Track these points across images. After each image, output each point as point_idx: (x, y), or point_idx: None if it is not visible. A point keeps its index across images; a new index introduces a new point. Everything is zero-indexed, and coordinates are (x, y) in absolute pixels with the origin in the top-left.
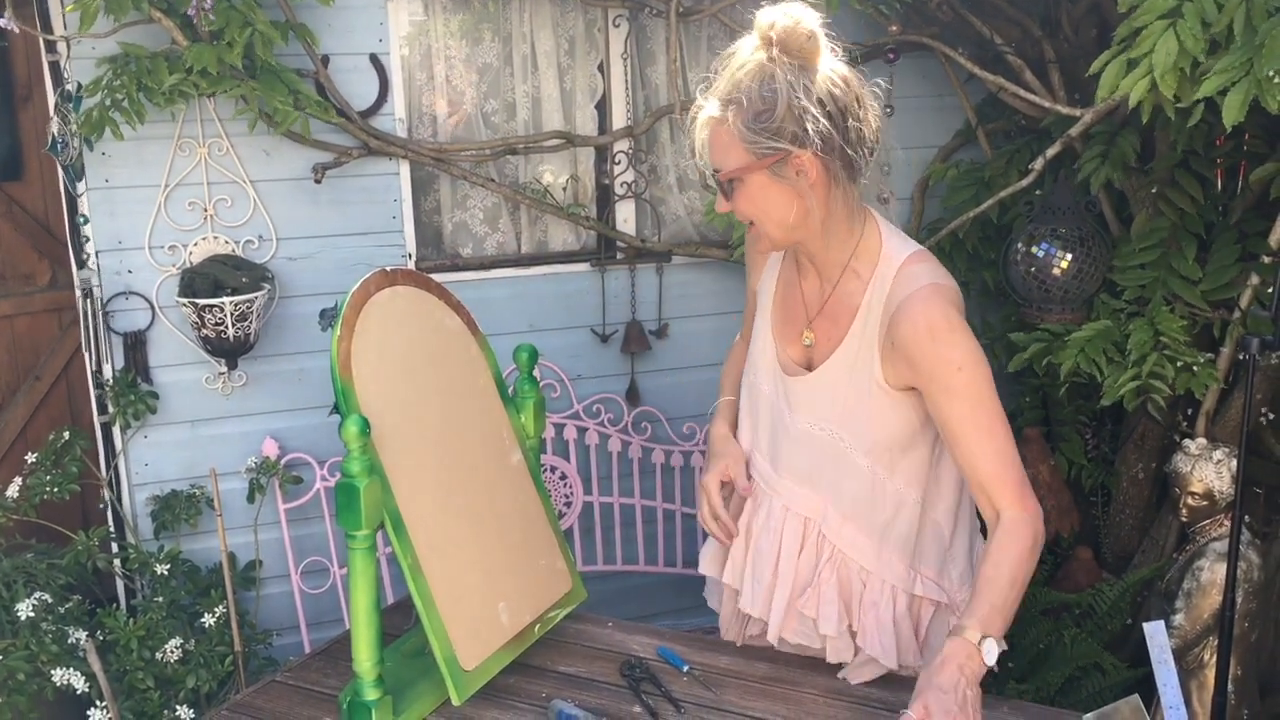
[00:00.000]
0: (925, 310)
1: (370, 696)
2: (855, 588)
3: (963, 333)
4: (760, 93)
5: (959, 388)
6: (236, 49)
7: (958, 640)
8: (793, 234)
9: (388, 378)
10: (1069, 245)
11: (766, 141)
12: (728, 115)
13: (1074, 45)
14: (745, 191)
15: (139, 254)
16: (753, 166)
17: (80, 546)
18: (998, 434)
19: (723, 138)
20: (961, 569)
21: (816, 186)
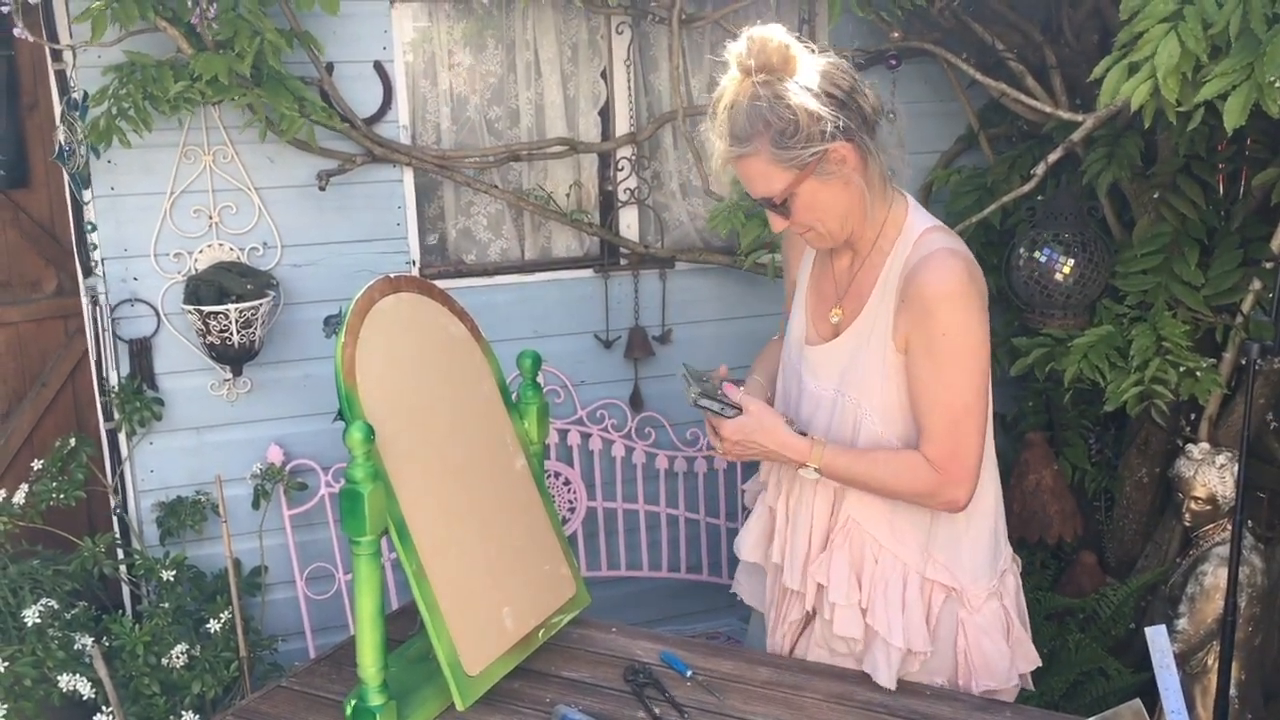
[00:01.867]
0: (939, 269)
1: (375, 702)
2: (868, 562)
3: (965, 302)
4: (776, 113)
5: (936, 353)
6: (247, 59)
7: (808, 445)
8: (848, 223)
9: (392, 384)
10: (1071, 250)
11: (803, 152)
12: (753, 148)
13: (1075, 50)
14: (801, 203)
15: (145, 261)
16: (800, 178)
17: (86, 553)
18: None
19: (757, 167)
20: (976, 560)
21: (856, 169)
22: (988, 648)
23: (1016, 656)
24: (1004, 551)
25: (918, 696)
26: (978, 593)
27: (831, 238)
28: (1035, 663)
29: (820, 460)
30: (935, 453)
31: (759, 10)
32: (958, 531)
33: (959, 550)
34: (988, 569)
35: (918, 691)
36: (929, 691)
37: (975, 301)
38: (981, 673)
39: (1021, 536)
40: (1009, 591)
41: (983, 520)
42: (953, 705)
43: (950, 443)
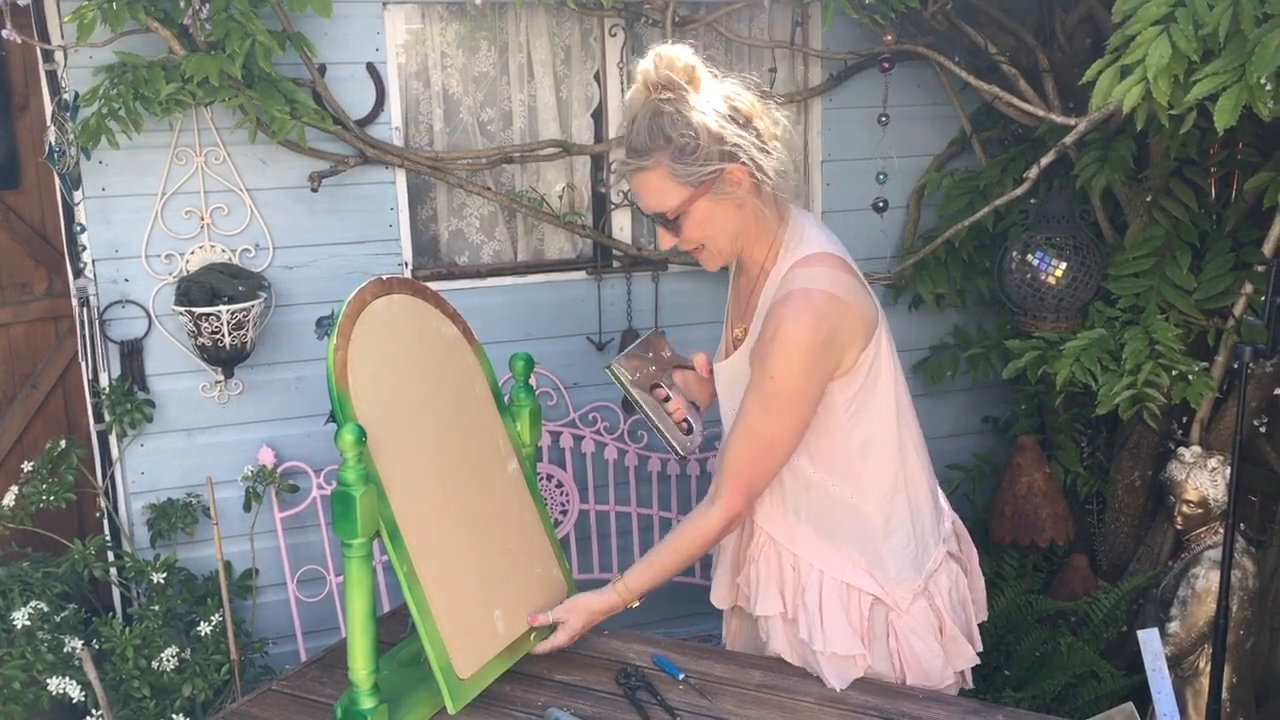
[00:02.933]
0: (782, 316)
1: (366, 705)
2: (786, 572)
3: (797, 349)
4: (677, 130)
5: (764, 388)
6: (238, 60)
7: (617, 594)
8: (737, 243)
9: (384, 386)
10: (1064, 253)
11: (700, 170)
12: (651, 162)
13: (1068, 54)
14: (693, 220)
15: (136, 262)
16: (695, 196)
17: (76, 555)
18: (761, 438)
19: (654, 182)
20: (899, 564)
21: (750, 191)
22: (919, 648)
23: (951, 655)
24: (933, 553)
25: (910, 700)
26: (903, 594)
27: (721, 256)
28: (971, 660)
29: (629, 593)
30: (726, 487)
31: (751, 13)
32: (875, 539)
33: (880, 556)
34: (912, 571)
35: (910, 695)
36: (921, 694)
37: (807, 351)
38: (915, 673)
39: (1013, 539)
40: (940, 591)
41: (900, 529)
42: (947, 708)
43: (745, 466)
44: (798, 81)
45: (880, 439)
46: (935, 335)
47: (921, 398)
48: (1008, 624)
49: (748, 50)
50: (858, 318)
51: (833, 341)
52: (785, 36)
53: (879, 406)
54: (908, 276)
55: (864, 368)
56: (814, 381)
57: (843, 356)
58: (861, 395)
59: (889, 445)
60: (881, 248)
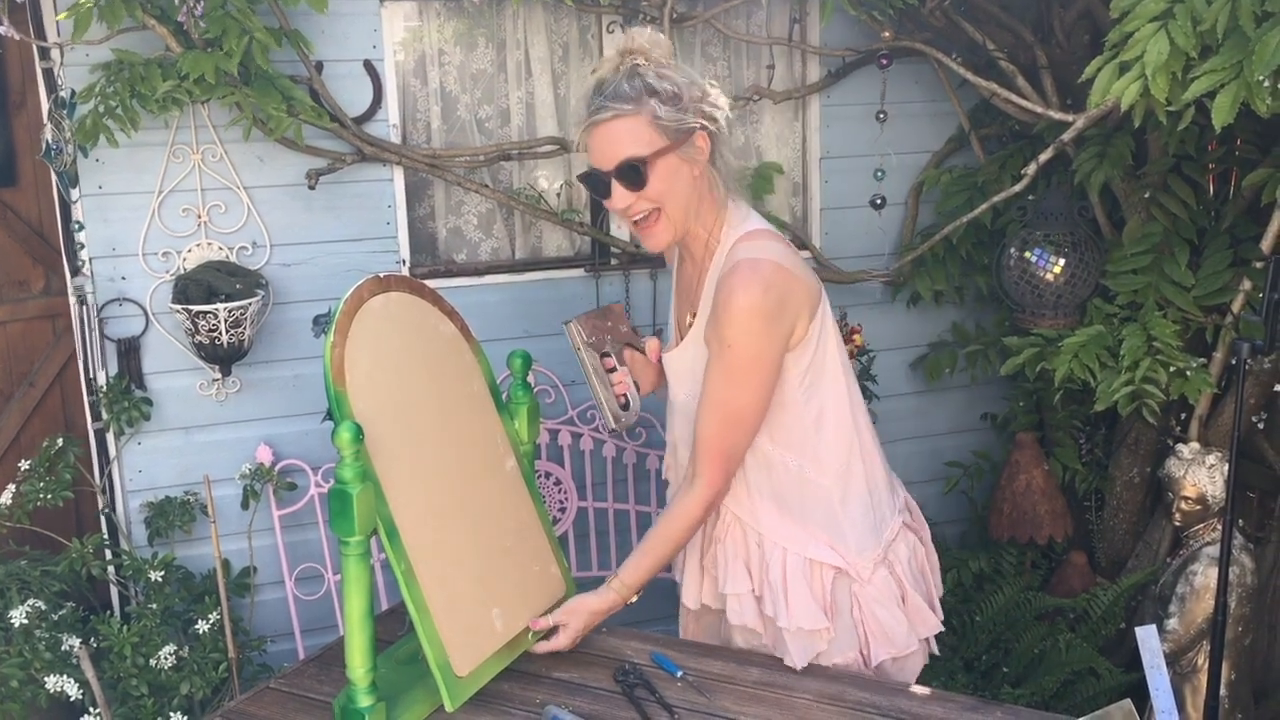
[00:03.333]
0: (735, 282)
1: (364, 703)
2: (752, 549)
3: (758, 317)
4: (661, 83)
5: (723, 359)
6: (235, 57)
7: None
8: (687, 216)
9: (381, 384)
10: (1062, 250)
11: (684, 118)
12: (633, 108)
13: (1066, 51)
14: (658, 174)
15: (133, 260)
16: (670, 147)
17: (74, 553)
18: (729, 410)
19: (633, 128)
20: (859, 534)
21: (704, 165)
22: (882, 616)
23: (915, 623)
24: (890, 523)
25: (909, 696)
26: (864, 564)
27: (671, 226)
28: (935, 628)
29: (626, 589)
30: (702, 466)
31: (749, 10)
32: (834, 511)
33: (840, 528)
34: (871, 540)
35: (909, 691)
36: (919, 692)
37: (760, 316)
38: (880, 640)
39: (1012, 536)
40: (899, 560)
41: (857, 500)
42: (944, 705)
43: (717, 440)
44: (796, 78)
45: (833, 411)
46: (934, 332)
47: (920, 395)
48: (1006, 621)
49: (745, 47)
50: (804, 287)
51: (783, 308)
52: (783, 33)
53: (830, 380)
54: (906, 273)
55: (812, 341)
56: (770, 347)
57: (794, 325)
58: (813, 369)
59: (843, 417)
60: (880, 245)
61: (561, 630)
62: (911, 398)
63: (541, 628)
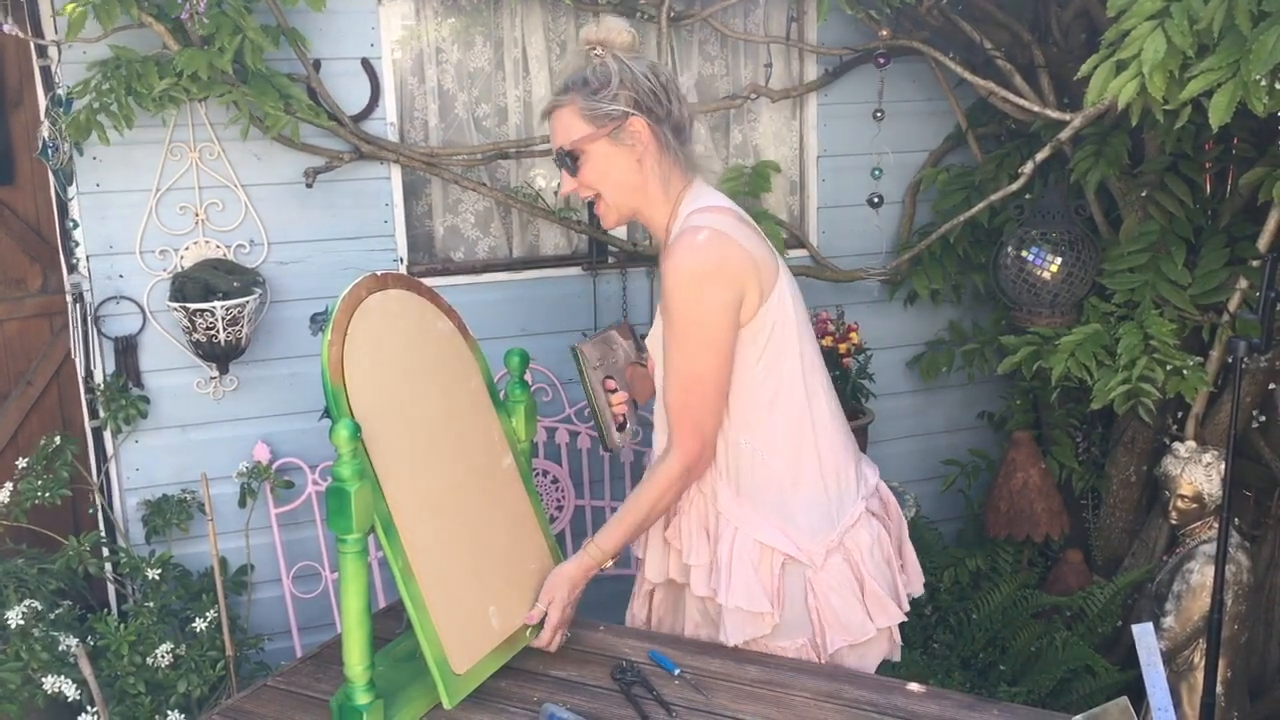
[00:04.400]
0: (676, 249)
1: (361, 701)
2: (710, 522)
3: (692, 279)
4: (595, 72)
5: (671, 325)
6: (227, 54)
7: (590, 555)
8: (633, 198)
9: (379, 382)
10: (1059, 249)
11: (606, 107)
12: (568, 98)
13: (1063, 50)
14: (590, 161)
15: (130, 258)
16: (596, 135)
17: (71, 552)
18: (687, 376)
19: (565, 118)
20: (811, 519)
21: (649, 149)
22: (836, 604)
23: (874, 612)
24: (850, 509)
25: (906, 694)
26: (817, 549)
27: (616, 210)
28: (896, 618)
29: (600, 553)
30: (677, 424)
31: (747, 8)
32: (785, 493)
33: (790, 510)
34: (824, 525)
35: (906, 689)
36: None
37: (700, 276)
38: (835, 628)
39: (1009, 534)
40: (860, 547)
41: (810, 484)
42: (940, 703)
43: (680, 407)
44: (793, 77)
45: (788, 394)
46: (931, 331)
47: (917, 393)
48: (1003, 619)
49: (743, 45)
50: (748, 256)
51: (724, 268)
52: (781, 32)
53: (789, 363)
54: (903, 272)
55: (767, 320)
56: (713, 309)
57: (742, 293)
58: (770, 350)
59: (798, 400)
60: (877, 243)
61: (550, 607)
62: (908, 396)
63: (535, 619)
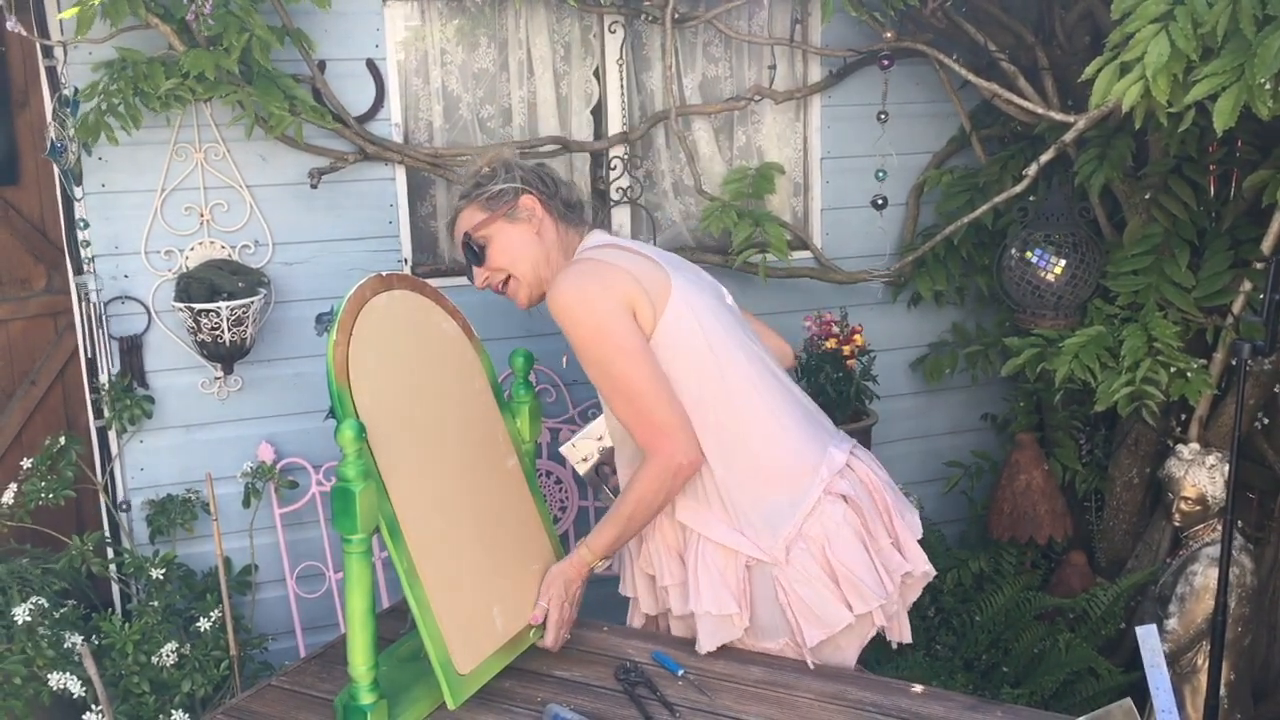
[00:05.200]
0: (550, 292)
1: (365, 701)
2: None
3: (573, 298)
4: (482, 173)
5: (579, 351)
6: (234, 55)
7: (580, 555)
8: (540, 269)
9: (384, 382)
10: (1063, 251)
11: (495, 189)
12: (465, 201)
13: (1067, 52)
14: (495, 243)
15: (135, 258)
16: (493, 218)
17: (75, 551)
18: (617, 389)
19: (466, 217)
20: (766, 515)
21: (545, 221)
22: (806, 594)
23: (850, 597)
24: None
25: (909, 695)
26: (777, 545)
27: (526, 287)
28: (872, 602)
29: (592, 553)
30: (643, 441)
31: (751, 10)
32: (734, 499)
33: (741, 509)
34: (781, 520)
35: (909, 690)
36: (919, 690)
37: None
38: (809, 620)
39: (1012, 536)
40: (825, 533)
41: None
42: (944, 704)
43: (632, 416)
44: (797, 78)
45: (710, 401)
46: (934, 332)
47: (920, 395)
48: (1006, 620)
49: (747, 47)
50: (622, 271)
51: (601, 284)
52: (785, 33)
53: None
54: (907, 274)
55: (672, 330)
56: (606, 318)
57: (631, 302)
58: (678, 362)
59: (719, 406)
60: (880, 245)
61: (549, 605)
62: (911, 398)
63: (538, 619)
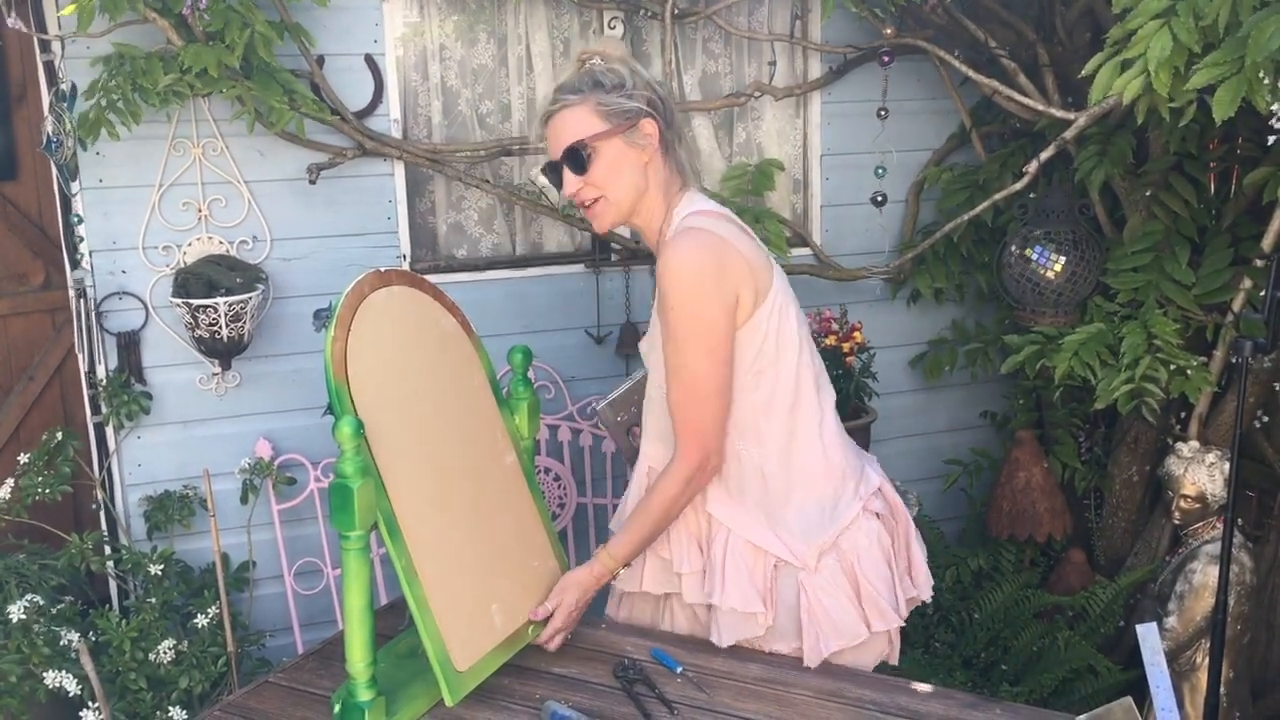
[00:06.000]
0: (670, 251)
1: (363, 698)
2: (702, 528)
3: (687, 278)
4: (607, 75)
5: (669, 326)
6: (236, 50)
7: (601, 564)
8: (635, 201)
9: (382, 378)
10: (1063, 248)
11: (624, 103)
12: (579, 99)
13: (1067, 49)
14: (602, 160)
15: (133, 254)
16: (612, 132)
17: (73, 548)
18: (685, 380)
19: (578, 116)
20: (805, 521)
21: (655, 154)
22: (829, 604)
23: (870, 615)
24: (846, 514)
25: (908, 693)
26: (809, 552)
27: (616, 210)
28: (893, 622)
29: (613, 560)
30: (680, 440)
31: (751, 6)
32: (777, 496)
33: (783, 513)
34: (818, 528)
35: (909, 688)
36: (919, 688)
37: (698, 278)
38: (828, 631)
39: (1011, 534)
40: (856, 549)
41: (803, 487)
42: (945, 702)
43: (682, 412)
44: (797, 75)
45: (783, 397)
46: (933, 330)
47: (920, 392)
48: (1005, 618)
49: (747, 43)
50: (743, 258)
51: (721, 270)
52: (784, 30)
53: (784, 367)
54: (906, 271)
55: (762, 323)
56: (710, 307)
57: (737, 294)
58: (764, 354)
59: (791, 404)
60: (880, 242)
61: (557, 610)
62: (911, 395)
63: (541, 616)
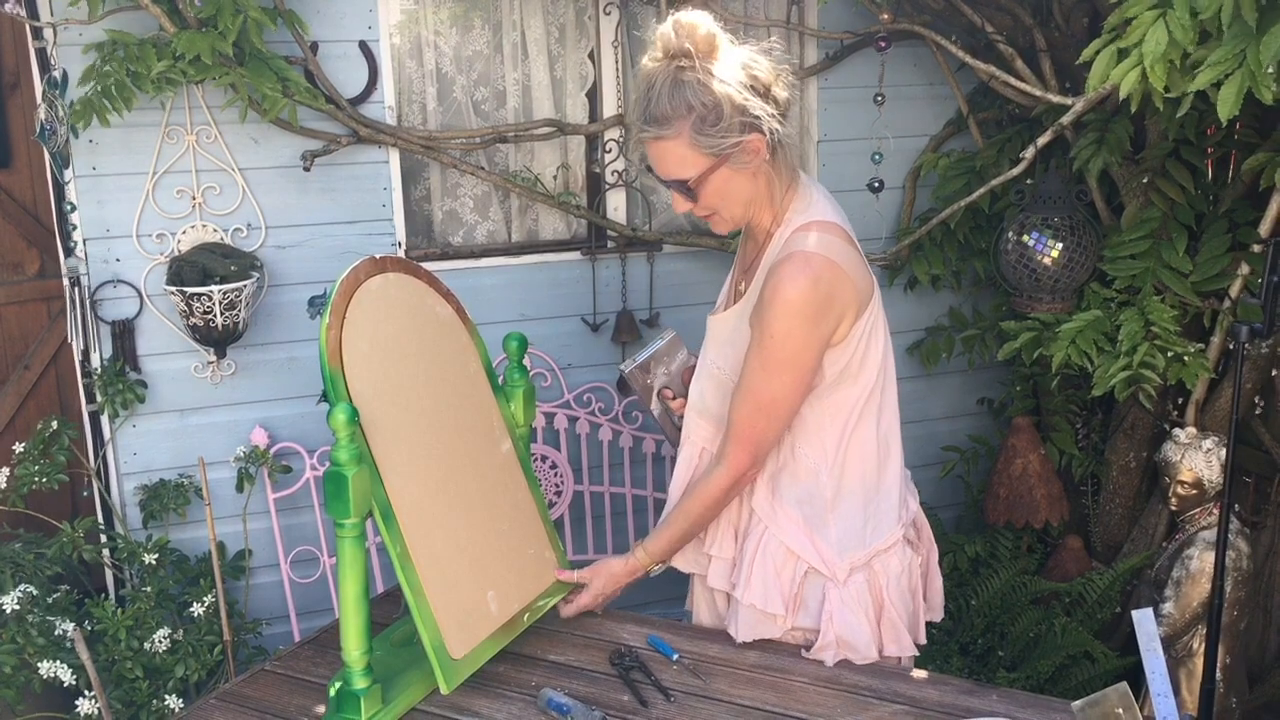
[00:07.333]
0: (785, 274)
1: (359, 685)
2: (742, 519)
3: (795, 310)
4: (700, 99)
5: (764, 349)
6: (230, 37)
7: (636, 558)
8: (750, 209)
9: (377, 366)
10: (1060, 234)
11: (722, 141)
12: (673, 131)
13: (1065, 34)
14: (710, 188)
15: (127, 242)
16: (715, 165)
17: (67, 537)
18: (761, 396)
19: (675, 151)
20: (845, 535)
21: (766, 160)
22: (850, 621)
23: (886, 640)
24: (885, 533)
25: (905, 679)
26: (842, 565)
27: (733, 222)
28: (908, 650)
29: (649, 557)
30: (730, 447)
31: None
32: (823, 504)
33: (824, 521)
34: (854, 544)
35: (905, 675)
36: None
37: (804, 314)
38: (843, 644)
39: (1008, 521)
40: (887, 572)
41: (850, 500)
42: (940, 688)
43: (747, 426)
44: (793, 61)
45: (856, 410)
46: (930, 316)
47: (917, 379)
48: (1002, 605)
49: (743, 29)
50: (853, 286)
51: (830, 304)
52: (781, 15)
53: (863, 380)
54: (903, 257)
55: (853, 341)
56: (811, 342)
57: (839, 323)
58: (849, 370)
59: (858, 415)
60: (877, 228)
61: (586, 589)
62: (908, 382)
63: (566, 578)
